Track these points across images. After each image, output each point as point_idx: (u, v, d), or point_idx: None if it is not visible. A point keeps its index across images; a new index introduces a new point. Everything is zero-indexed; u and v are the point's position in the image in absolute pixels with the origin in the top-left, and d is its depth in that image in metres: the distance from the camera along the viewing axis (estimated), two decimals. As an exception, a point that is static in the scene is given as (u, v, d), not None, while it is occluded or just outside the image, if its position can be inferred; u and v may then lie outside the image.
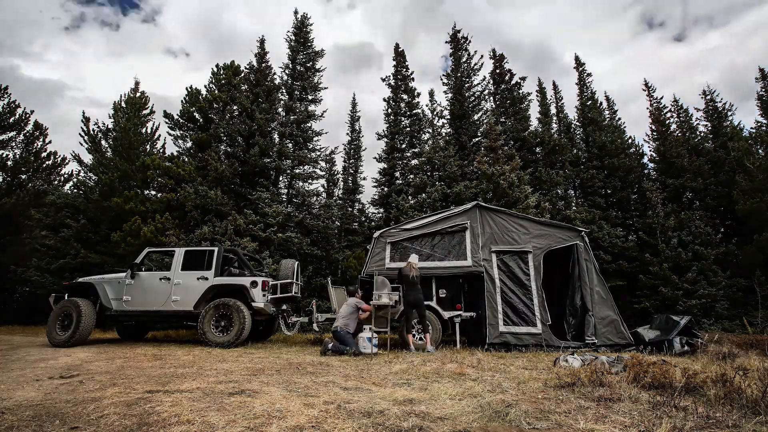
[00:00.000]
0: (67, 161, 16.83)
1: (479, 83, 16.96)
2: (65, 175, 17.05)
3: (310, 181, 14.90)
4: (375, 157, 17.93)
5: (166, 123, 14.31)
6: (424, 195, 13.63)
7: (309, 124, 15.19)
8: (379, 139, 18.15)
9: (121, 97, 15.90)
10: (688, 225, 13.99)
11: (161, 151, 15.68)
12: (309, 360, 5.17)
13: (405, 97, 18.46)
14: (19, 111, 15.73)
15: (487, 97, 17.20)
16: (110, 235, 11.72)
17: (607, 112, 19.25)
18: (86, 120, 14.58)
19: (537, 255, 6.81)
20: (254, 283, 6.78)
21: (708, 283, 12.69)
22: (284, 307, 7.72)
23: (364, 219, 18.59)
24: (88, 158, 14.73)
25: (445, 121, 16.86)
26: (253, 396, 3.00)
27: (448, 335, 7.56)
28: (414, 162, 16.97)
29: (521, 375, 3.99)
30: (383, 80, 18.93)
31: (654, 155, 17.63)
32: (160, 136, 17.33)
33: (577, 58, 19.68)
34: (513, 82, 17.51)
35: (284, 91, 15.58)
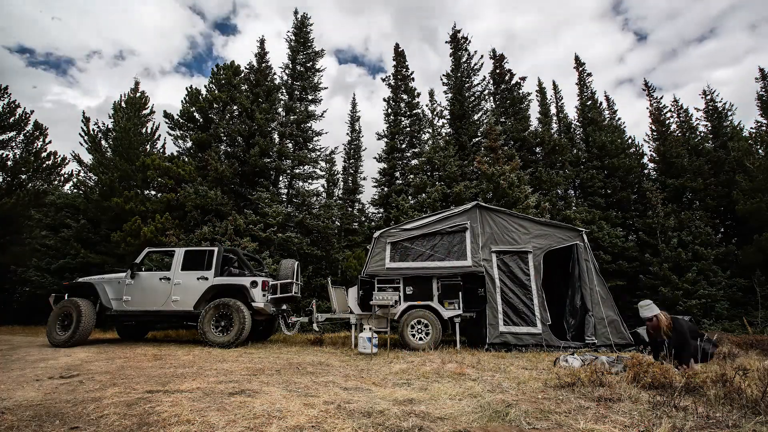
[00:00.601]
0: (67, 161, 16.83)
1: (479, 83, 16.97)
2: (65, 175, 17.06)
3: (310, 181, 14.91)
4: (375, 157, 17.94)
5: (166, 123, 14.32)
6: (424, 195, 13.63)
7: (309, 124, 15.19)
8: (379, 139, 18.17)
9: (121, 97, 15.92)
10: (688, 225, 13.99)
11: (161, 151, 15.67)
12: (309, 360, 5.17)
13: (405, 97, 18.46)
14: (19, 111, 15.74)
15: (487, 97, 17.20)
16: (110, 235, 11.71)
17: (607, 112, 19.25)
18: (86, 120, 14.58)
19: (537, 255, 6.81)
20: (254, 283, 6.78)
21: (708, 283, 12.68)
22: (284, 307, 7.72)
23: (364, 219, 18.59)
24: (88, 158, 14.73)
25: (445, 121, 16.87)
26: (253, 396, 3.00)
27: (448, 335, 7.56)
28: (414, 162, 16.97)
29: (521, 375, 3.99)
30: (383, 80, 18.96)
31: (654, 155, 17.63)
32: (160, 136, 17.33)
33: (577, 58, 19.68)
34: (513, 82, 17.52)
35: (284, 91, 15.57)
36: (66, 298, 6.93)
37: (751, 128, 16.31)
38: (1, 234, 14.33)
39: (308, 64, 15.97)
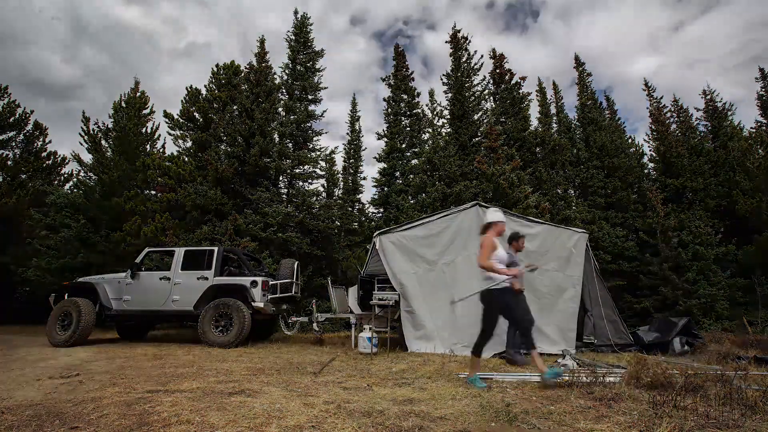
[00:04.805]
0: (67, 161, 16.81)
1: (479, 83, 16.95)
2: (65, 175, 17.04)
3: (310, 181, 14.90)
4: (375, 157, 17.94)
5: (166, 123, 14.32)
6: (424, 195, 13.63)
7: (309, 124, 15.19)
8: (379, 139, 18.17)
9: (120, 97, 15.89)
10: (688, 225, 13.98)
11: (161, 151, 15.66)
12: (309, 360, 5.17)
13: (405, 97, 18.46)
14: (19, 111, 15.73)
15: (487, 97, 17.17)
16: (110, 235, 11.70)
17: (607, 112, 19.25)
18: (86, 120, 14.56)
19: (537, 255, 6.78)
20: (254, 283, 6.77)
21: (708, 283, 12.67)
22: (284, 307, 7.72)
23: (364, 219, 18.59)
24: (88, 158, 14.72)
25: (445, 121, 16.86)
26: (253, 396, 3.00)
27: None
28: (414, 162, 16.96)
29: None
30: (383, 80, 18.94)
31: (654, 155, 17.62)
32: (160, 136, 17.32)
33: (576, 58, 19.68)
34: (513, 82, 17.50)
35: (284, 91, 15.57)
36: (66, 297, 6.93)
37: (751, 128, 16.33)
38: (1, 234, 14.32)
39: (308, 64, 15.96)
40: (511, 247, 5.07)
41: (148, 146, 15.22)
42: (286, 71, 15.84)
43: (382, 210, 17.34)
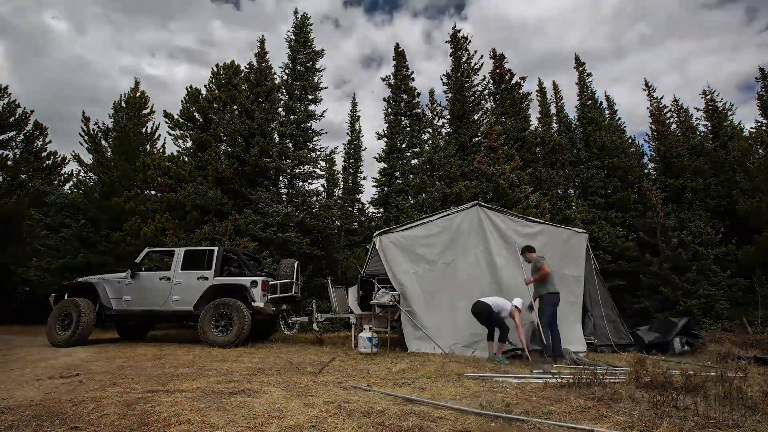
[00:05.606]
0: (67, 161, 16.80)
1: (479, 83, 16.95)
2: (65, 175, 17.03)
3: (310, 181, 14.90)
4: (375, 157, 17.94)
5: (166, 123, 14.32)
6: (424, 195, 13.63)
7: (309, 124, 15.19)
8: (379, 138, 18.17)
9: (121, 97, 15.90)
10: (688, 225, 13.98)
11: (161, 151, 15.67)
12: (309, 360, 5.17)
13: (405, 96, 18.46)
14: (19, 111, 15.72)
15: (487, 97, 17.18)
16: (110, 235, 11.70)
17: (607, 112, 19.25)
18: (86, 120, 14.57)
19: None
20: (254, 283, 6.77)
21: (708, 283, 12.67)
22: (284, 307, 7.72)
23: (364, 219, 18.59)
24: (88, 158, 14.72)
25: (445, 121, 16.86)
26: (253, 396, 3.00)
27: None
28: (414, 162, 16.96)
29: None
30: (383, 80, 18.93)
31: (654, 155, 17.62)
32: (159, 135, 17.32)
33: (577, 58, 19.66)
34: (513, 82, 17.50)
35: (284, 91, 15.57)
36: (66, 297, 6.93)
37: (751, 128, 16.33)
38: (1, 234, 14.31)
39: (308, 64, 15.96)
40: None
41: (148, 146, 15.23)
42: (286, 71, 15.85)
43: (382, 210, 17.34)
